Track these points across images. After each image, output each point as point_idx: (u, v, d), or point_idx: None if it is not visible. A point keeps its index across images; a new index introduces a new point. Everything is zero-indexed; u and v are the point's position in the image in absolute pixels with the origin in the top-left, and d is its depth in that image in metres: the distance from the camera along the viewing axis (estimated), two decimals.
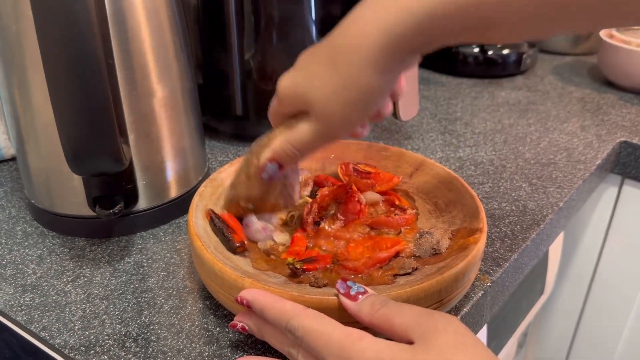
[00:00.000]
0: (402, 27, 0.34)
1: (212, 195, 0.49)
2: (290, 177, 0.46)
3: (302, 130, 0.40)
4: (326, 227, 0.49)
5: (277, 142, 0.42)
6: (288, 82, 0.40)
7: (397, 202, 0.52)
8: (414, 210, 0.52)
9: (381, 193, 0.53)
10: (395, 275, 0.43)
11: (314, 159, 0.57)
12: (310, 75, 0.38)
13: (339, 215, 0.50)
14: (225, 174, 0.52)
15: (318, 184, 0.55)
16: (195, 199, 0.47)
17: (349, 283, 0.37)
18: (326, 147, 0.41)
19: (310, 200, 0.51)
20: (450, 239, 0.46)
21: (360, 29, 0.35)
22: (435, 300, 0.39)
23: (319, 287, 0.41)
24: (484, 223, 0.45)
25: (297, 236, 0.47)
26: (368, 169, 0.55)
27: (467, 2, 0.32)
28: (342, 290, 0.36)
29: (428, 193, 0.53)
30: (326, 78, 0.37)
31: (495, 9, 0.32)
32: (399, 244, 0.46)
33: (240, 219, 0.48)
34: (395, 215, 0.50)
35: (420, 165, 0.55)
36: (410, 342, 0.31)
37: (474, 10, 0.32)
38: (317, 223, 0.49)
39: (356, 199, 0.50)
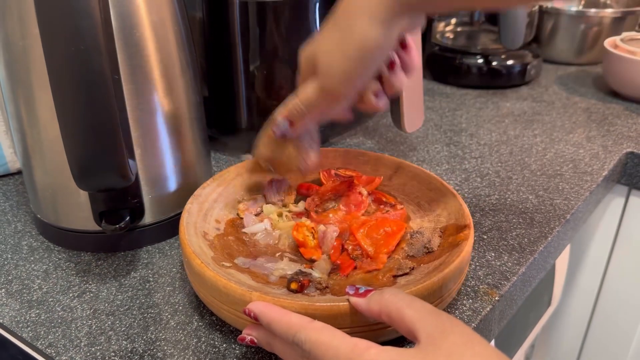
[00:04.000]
0: None
1: (199, 212, 0.49)
2: (304, 140, 0.49)
3: (309, 88, 0.43)
4: (330, 215, 0.51)
5: (291, 101, 0.45)
6: (304, 51, 0.43)
7: (384, 199, 0.54)
8: (402, 206, 0.53)
9: None
10: (395, 277, 0.44)
11: None
12: (319, 38, 0.41)
13: (341, 207, 0.53)
14: (209, 189, 0.52)
15: (300, 193, 0.56)
16: (184, 216, 0.47)
17: (357, 285, 0.38)
18: (333, 109, 0.44)
19: (297, 206, 0.54)
20: (440, 236, 0.48)
21: None
22: (437, 297, 0.40)
23: (322, 289, 0.43)
24: (469, 219, 0.47)
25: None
26: (349, 173, 0.57)
27: None
28: (351, 292, 0.38)
29: (409, 194, 0.55)
30: (329, 36, 0.40)
31: None
32: (403, 227, 0.49)
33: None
34: (386, 211, 0.52)
35: (399, 168, 0.56)
36: (415, 339, 0.32)
37: None
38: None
39: (358, 190, 0.53)
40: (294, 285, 0.42)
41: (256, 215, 0.53)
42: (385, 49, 0.40)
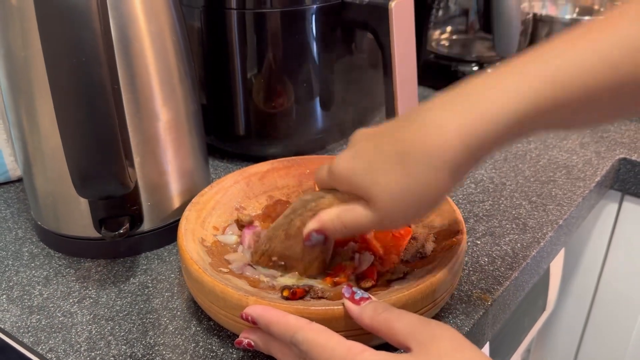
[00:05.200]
0: (484, 134, 0.34)
1: (197, 219, 0.50)
2: (328, 243, 0.45)
3: (358, 214, 0.39)
4: None
5: (328, 215, 0.40)
6: (346, 167, 0.39)
7: None
8: None
9: None
10: (389, 281, 0.45)
11: (290, 175, 0.58)
12: (373, 169, 0.37)
13: None
14: (207, 197, 0.53)
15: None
16: (183, 223, 0.48)
17: (354, 289, 0.39)
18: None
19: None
20: (434, 242, 0.49)
21: (437, 134, 0.34)
22: (430, 300, 0.41)
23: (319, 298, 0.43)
24: (462, 224, 0.47)
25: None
26: None
27: (545, 106, 0.33)
28: (347, 295, 0.38)
29: None
30: (394, 178, 0.36)
31: (575, 108, 0.33)
32: (410, 231, 0.50)
33: None
34: None
35: None
36: (408, 349, 0.33)
37: (551, 113, 0.33)
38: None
39: None
40: (285, 293, 0.43)
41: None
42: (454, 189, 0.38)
